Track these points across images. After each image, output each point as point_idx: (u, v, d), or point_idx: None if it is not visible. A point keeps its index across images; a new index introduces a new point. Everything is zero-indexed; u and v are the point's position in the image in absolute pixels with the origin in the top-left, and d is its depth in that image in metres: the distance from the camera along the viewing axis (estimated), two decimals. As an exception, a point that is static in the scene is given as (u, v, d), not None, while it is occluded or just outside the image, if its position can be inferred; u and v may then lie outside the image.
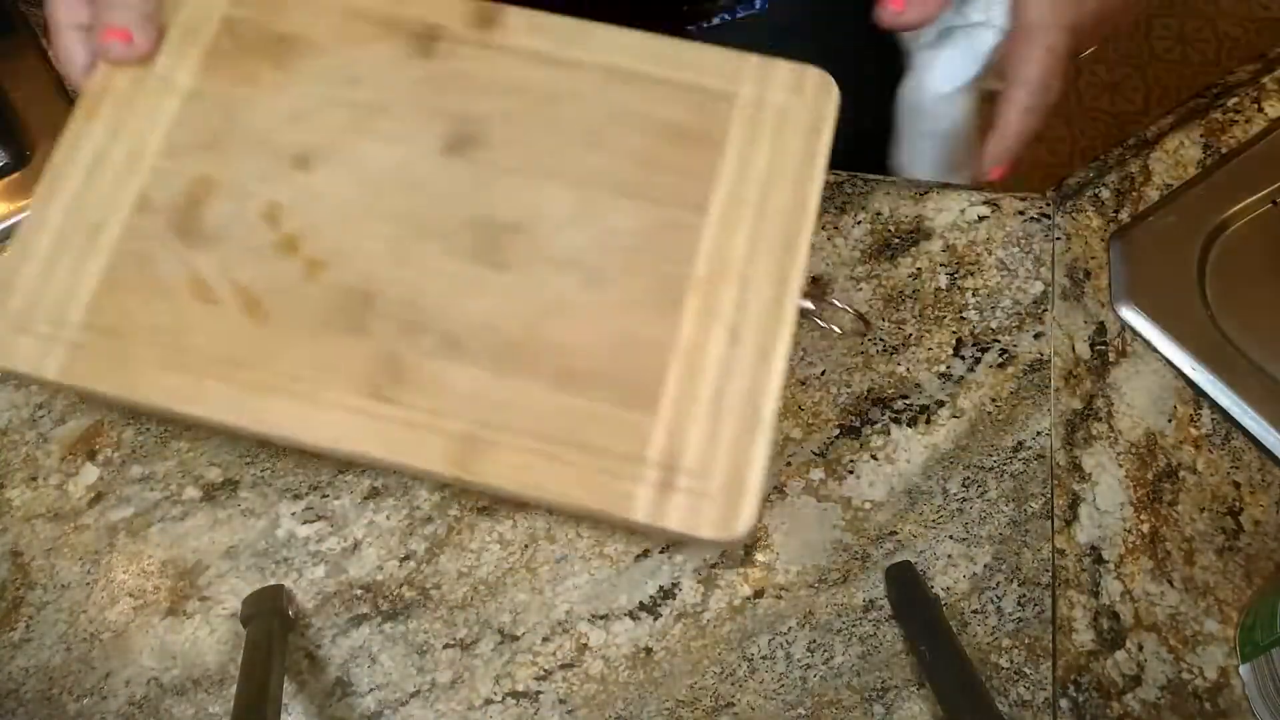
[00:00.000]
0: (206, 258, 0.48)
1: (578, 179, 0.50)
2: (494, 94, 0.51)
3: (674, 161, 0.50)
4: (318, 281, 0.48)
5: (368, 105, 0.51)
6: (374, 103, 0.51)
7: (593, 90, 0.51)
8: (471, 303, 0.47)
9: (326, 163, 0.50)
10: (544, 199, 0.49)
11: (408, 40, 0.52)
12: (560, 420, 0.45)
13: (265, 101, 0.50)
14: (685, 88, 0.51)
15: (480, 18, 0.53)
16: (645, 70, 0.52)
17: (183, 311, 0.47)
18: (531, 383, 0.46)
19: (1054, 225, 0.59)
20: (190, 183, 0.49)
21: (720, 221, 0.49)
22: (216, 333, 0.47)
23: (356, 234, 0.49)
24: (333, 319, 0.47)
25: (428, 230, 0.48)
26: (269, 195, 0.49)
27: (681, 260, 0.48)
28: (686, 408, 0.45)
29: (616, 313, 0.47)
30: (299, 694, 0.49)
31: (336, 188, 0.49)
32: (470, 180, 0.49)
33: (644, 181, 0.50)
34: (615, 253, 0.48)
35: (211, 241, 0.48)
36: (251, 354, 0.46)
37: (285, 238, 0.48)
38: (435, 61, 0.52)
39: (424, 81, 0.51)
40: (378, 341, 0.47)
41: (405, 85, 0.51)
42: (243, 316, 0.47)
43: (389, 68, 0.52)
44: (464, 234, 0.48)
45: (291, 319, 0.47)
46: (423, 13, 0.52)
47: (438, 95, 0.51)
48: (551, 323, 0.47)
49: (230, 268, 0.48)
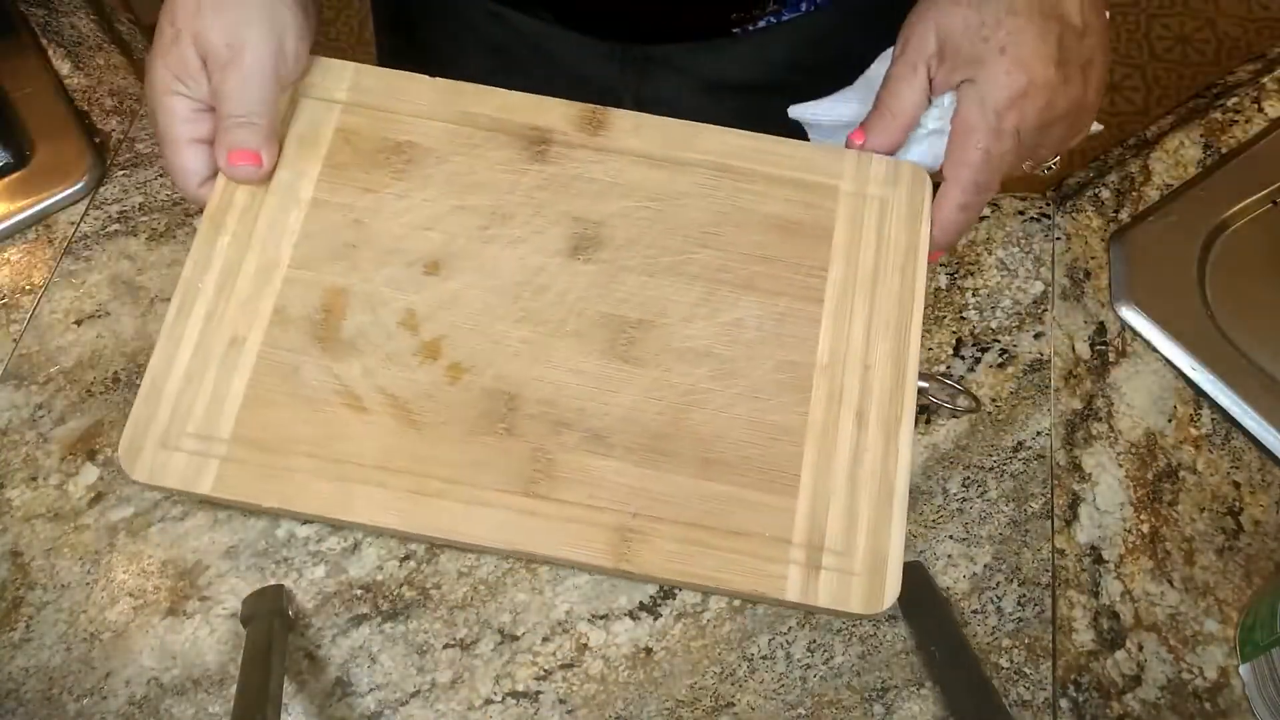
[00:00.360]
0: (350, 366, 0.50)
1: (697, 274, 0.53)
2: (610, 196, 0.54)
3: (786, 254, 0.53)
4: (461, 385, 0.50)
5: (490, 211, 0.53)
6: (496, 208, 0.53)
7: (702, 189, 0.54)
8: (610, 398, 0.50)
9: (457, 268, 0.52)
10: (667, 295, 0.52)
11: (521, 145, 0.55)
12: (707, 507, 0.48)
13: (389, 210, 0.52)
14: (789, 183, 0.55)
15: (587, 120, 0.56)
16: (750, 168, 0.55)
17: (332, 421, 0.49)
18: (676, 473, 0.49)
19: (1054, 225, 0.59)
20: (325, 293, 0.51)
21: (836, 310, 0.52)
22: (368, 440, 0.49)
23: (493, 337, 0.51)
24: (480, 421, 0.49)
25: (560, 330, 0.51)
26: (404, 303, 0.51)
27: (804, 348, 0.51)
28: (824, 489, 0.48)
29: (748, 401, 0.50)
30: (299, 694, 0.49)
31: (469, 292, 0.52)
32: (595, 280, 0.52)
33: (760, 274, 0.53)
34: (741, 344, 0.51)
35: (353, 350, 0.50)
36: (405, 459, 0.48)
37: (425, 344, 0.51)
38: (550, 165, 0.54)
39: (541, 186, 0.54)
40: (526, 440, 0.49)
41: (524, 190, 0.54)
42: (393, 423, 0.49)
43: (506, 173, 0.54)
44: (595, 332, 0.51)
45: (441, 423, 0.49)
46: (531, 118, 0.55)
47: (556, 199, 0.54)
48: (689, 413, 0.50)
49: (375, 375, 0.50)
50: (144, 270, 0.60)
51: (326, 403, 0.49)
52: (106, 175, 0.63)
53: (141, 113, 0.66)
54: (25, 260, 0.61)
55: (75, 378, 0.57)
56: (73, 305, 0.59)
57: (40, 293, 0.59)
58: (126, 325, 0.58)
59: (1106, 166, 0.62)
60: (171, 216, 0.62)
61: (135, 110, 0.66)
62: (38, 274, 0.60)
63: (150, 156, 0.64)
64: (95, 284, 0.60)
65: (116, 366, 0.57)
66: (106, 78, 0.68)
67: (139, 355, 0.57)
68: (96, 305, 0.59)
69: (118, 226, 0.61)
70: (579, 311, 0.52)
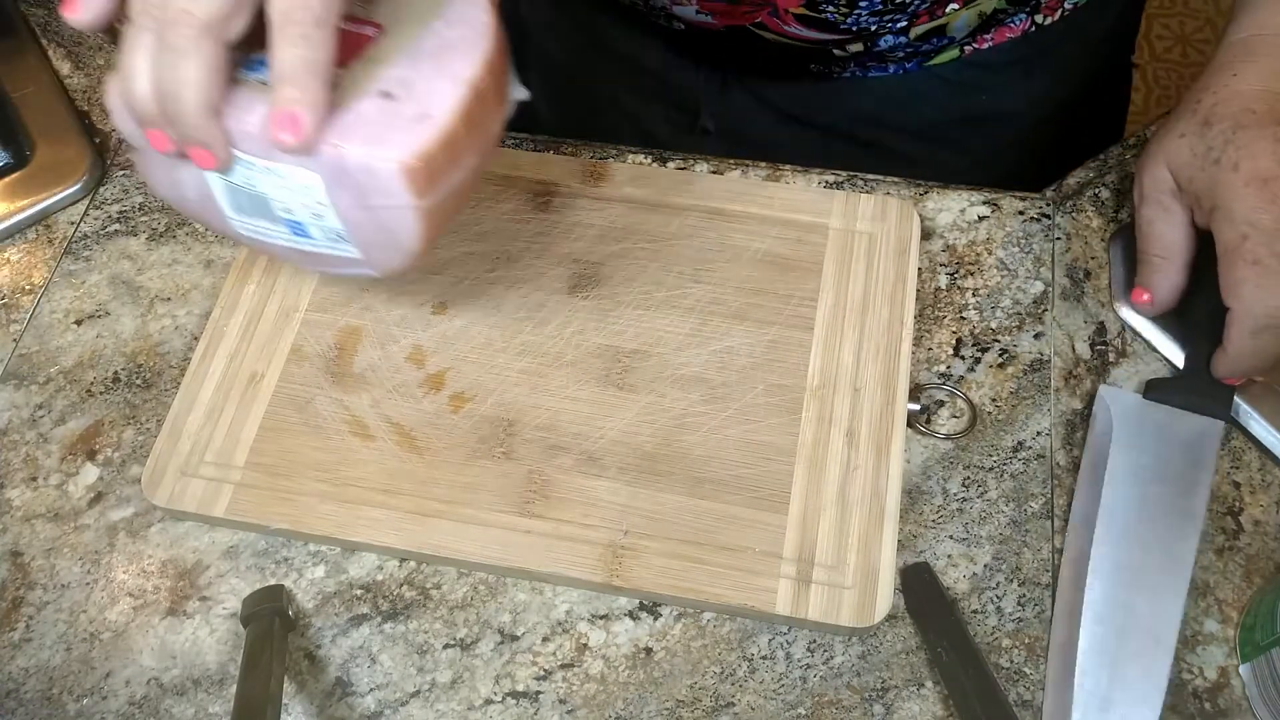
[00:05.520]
0: (359, 398, 0.53)
1: (691, 307, 0.55)
2: (608, 238, 0.57)
3: (777, 287, 0.56)
4: (463, 413, 0.53)
5: (495, 255, 0.57)
6: (501, 252, 0.57)
7: (696, 229, 0.58)
8: (605, 422, 0.52)
9: (463, 306, 0.56)
10: (661, 326, 0.55)
11: (527, 197, 0.59)
12: (698, 524, 0.50)
13: None
14: (780, 222, 0.58)
15: (588, 173, 0.60)
16: (741, 210, 0.58)
17: (340, 448, 0.52)
18: (668, 492, 0.50)
19: (1054, 225, 0.59)
20: (339, 332, 0.55)
21: (826, 337, 0.54)
22: (374, 465, 0.52)
23: (495, 368, 0.54)
24: (480, 446, 0.52)
25: (559, 361, 0.54)
26: (413, 339, 0.55)
27: (795, 373, 0.53)
28: (814, 505, 0.50)
29: (740, 423, 0.52)
30: (299, 694, 0.49)
31: (473, 328, 0.55)
32: (593, 314, 0.55)
33: (751, 305, 0.55)
34: (732, 370, 0.53)
35: (363, 383, 0.54)
36: (408, 482, 0.51)
37: (430, 376, 0.54)
38: (553, 214, 0.58)
39: (544, 232, 0.58)
40: (522, 463, 0.51)
41: (528, 235, 0.58)
42: (397, 449, 0.52)
43: (512, 221, 0.58)
44: (591, 362, 0.54)
45: (442, 448, 0.52)
46: (536, 173, 0.60)
47: (558, 243, 0.57)
48: (681, 435, 0.52)
49: (382, 405, 0.53)
50: (144, 270, 0.60)
51: (336, 431, 0.52)
52: (106, 175, 0.63)
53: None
54: (25, 260, 0.61)
55: (75, 378, 0.57)
56: (73, 305, 0.59)
57: (40, 293, 0.59)
58: (126, 325, 0.58)
59: (1106, 166, 0.62)
60: (172, 216, 0.62)
61: (135, 110, 0.66)
62: (38, 274, 0.60)
63: (150, 156, 0.64)
64: (95, 284, 0.60)
65: (116, 366, 0.57)
66: (106, 77, 0.68)
67: (139, 355, 0.57)
68: (96, 305, 0.59)
69: (118, 226, 0.61)
70: (576, 344, 0.54)
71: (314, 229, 0.43)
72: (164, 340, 0.58)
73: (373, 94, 0.39)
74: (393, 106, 0.39)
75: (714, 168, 0.61)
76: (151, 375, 0.56)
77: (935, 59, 0.65)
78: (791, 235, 0.57)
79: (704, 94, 0.71)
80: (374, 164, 0.39)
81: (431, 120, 0.39)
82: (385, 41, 0.41)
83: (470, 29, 0.42)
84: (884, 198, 0.57)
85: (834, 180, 0.61)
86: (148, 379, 0.56)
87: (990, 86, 0.67)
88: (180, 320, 0.58)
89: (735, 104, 0.71)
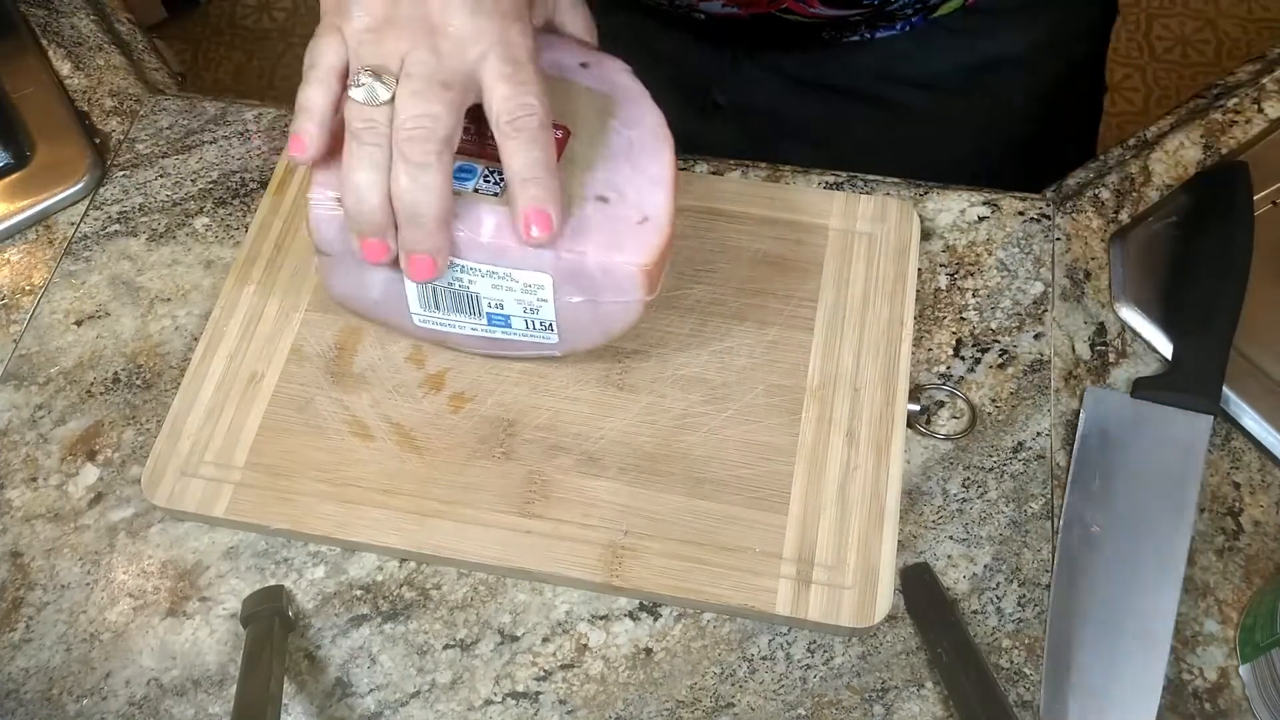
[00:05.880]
0: (359, 398, 0.53)
1: (690, 308, 0.55)
2: None
3: (777, 287, 0.55)
4: (463, 413, 0.53)
5: None
6: None
7: (696, 230, 0.57)
8: (605, 422, 0.52)
9: None
10: (662, 327, 0.54)
11: None
12: (698, 524, 0.50)
13: None
14: (779, 223, 0.57)
15: None
16: (741, 210, 0.58)
17: (341, 448, 0.52)
18: (668, 492, 0.50)
19: (1054, 226, 0.59)
20: (340, 332, 0.55)
21: (825, 337, 0.54)
22: (374, 465, 0.51)
23: (495, 368, 0.53)
24: (480, 446, 0.52)
25: (559, 361, 0.53)
26: (412, 339, 0.54)
27: (795, 373, 0.53)
28: (814, 505, 0.50)
29: (740, 423, 0.52)
30: (299, 694, 0.49)
31: None
32: None
33: (751, 305, 0.55)
34: (732, 370, 0.53)
35: (363, 383, 0.53)
36: (408, 482, 0.51)
37: (430, 376, 0.54)
38: None
39: None
40: (522, 463, 0.51)
41: None
42: (398, 449, 0.52)
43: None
44: (591, 362, 0.53)
45: (442, 448, 0.52)
46: None
47: None
48: (681, 436, 0.52)
49: (382, 405, 0.53)
50: (144, 270, 0.60)
51: (336, 431, 0.52)
52: (106, 175, 0.63)
53: (141, 113, 0.66)
54: (25, 260, 0.61)
55: (75, 378, 0.57)
56: (73, 305, 0.59)
57: (40, 293, 0.59)
58: (126, 325, 0.58)
59: (1106, 167, 0.62)
60: (171, 217, 0.62)
61: (135, 110, 0.66)
62: (38, 274, 0.60)
63: (150, 157, 0.64)
64: (95, 284, 0.60)
65: (116, 367, 0.57)
66: (106, 78, 0.68)
67: (139, 355, 0.57)
68: (96, 305, 0.59)
69: (118, 227, 0.61)
70: None
71: (521, 321, 0.48)
72: (164, 341, 0.58)
73: (589, 199, 0.45)
74: (611, 210, 0.45)
75: (714, 168, 0.61)
76: (151, 376, 0.56)
77: (940, 10, 0.66)
78: (791, 236, 0.57)
79: (714, 71, 0.72)
80: (614, 267, 0.44)
81: (652, 223, 0.45)
82: (574, 144, 0.46)
83: (647, 130, 0.47)
84: (884, 198, 0.57)
85: (834, 181, 0.61)
86: (148, 379, 0.56)
87: (993, 33, 0.68)
88: (180, 321, 0.58)
89: (746, 77, 0.72)
